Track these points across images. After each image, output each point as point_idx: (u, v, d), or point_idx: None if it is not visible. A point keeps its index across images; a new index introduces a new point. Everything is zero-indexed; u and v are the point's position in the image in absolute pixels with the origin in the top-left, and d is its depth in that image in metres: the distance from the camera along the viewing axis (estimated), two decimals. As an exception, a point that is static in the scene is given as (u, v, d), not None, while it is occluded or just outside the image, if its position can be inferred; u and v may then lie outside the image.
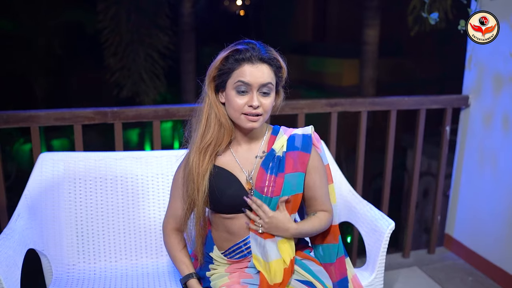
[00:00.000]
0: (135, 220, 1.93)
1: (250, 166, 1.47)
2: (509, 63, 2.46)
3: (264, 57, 1.37)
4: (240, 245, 1.48)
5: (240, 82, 1.36)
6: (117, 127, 2.23)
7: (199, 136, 1.44)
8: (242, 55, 1.36)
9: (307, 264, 1.52)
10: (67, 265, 1.86)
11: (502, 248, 2.56)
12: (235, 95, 1.38)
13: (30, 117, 2.11)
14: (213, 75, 1.41)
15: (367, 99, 2.55)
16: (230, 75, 1.38)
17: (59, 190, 1.87)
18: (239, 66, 1.36)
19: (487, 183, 2.66)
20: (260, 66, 1.37)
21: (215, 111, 1.42)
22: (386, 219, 1.76)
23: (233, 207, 1.44)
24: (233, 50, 1.38)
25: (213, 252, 1.53)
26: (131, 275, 1.86)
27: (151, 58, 7.91)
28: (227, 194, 1.43)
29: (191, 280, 1.51)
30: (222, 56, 1.39)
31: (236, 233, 1.48)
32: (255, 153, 1.49)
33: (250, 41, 1.42)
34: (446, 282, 2.63)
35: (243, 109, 1.38)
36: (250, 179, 1.45)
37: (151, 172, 1.95)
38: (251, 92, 1.37)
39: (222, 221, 1.49)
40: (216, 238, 1.53)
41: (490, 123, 2.62)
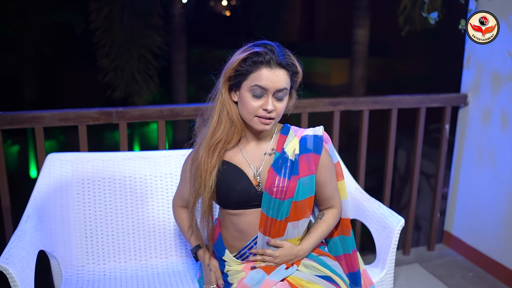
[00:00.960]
0: (144, 221, 1.93)
1: (258, 163, 1.48)
2: (507, 62, 2.50)
3: (282, 63, 1.37)
4: (251, 245, 1.50)
5: (257, 86, 1.37)
6: (121, 127, 2.22)
7: (210, 132, 1.45)
8: (261, 58, 1.36)
9: (324, 259, 1.53)
10: (76, 266, 1.85)
11: (502, 244, 2.60)
12: (250, 97, 1.38)
13: (34, 118, 2.09)
14: (229, 75, 1.41)
15: (369, 98, 2.57)
16: (247, 77, 1.38)
17: (67, 191, 1.86)
18: (257, 69, 1.37)
19: (485, 180, 2.70)
20: (277, 71, 1.37)
21: (227, 109, 1.43)
22: (395, 216, 1.78)
23: (241, 202, 1.45)
24: (252, 52, 1.37)
25: (225, 255, 1.54)
26: (141, 276, 1.85)
27: (145, 59, 7.86)
28: (234, 189, 1.44)
29: (200, 250, 1.58)
30: (240, 57, 1.38)
31: (245, 231, 1.48)
32: (263, 151, 1.50)
33: (268, 43, 1.42)
34: (447, 278, 2.67)
35: (257, 112, 1.39)
36: (258, 175, 1.47)
37: (160, 172, 1.95)
38: (266, 96, 1.38)
39: (230, 218, 1.50)
40: (226, 238, 1.54)
41: (488, 121, 2.66)
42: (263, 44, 1.41)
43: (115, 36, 7.58)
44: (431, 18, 2.61)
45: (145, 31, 7.81)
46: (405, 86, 9.33)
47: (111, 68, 7.72)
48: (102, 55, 7.76)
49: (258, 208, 1.46)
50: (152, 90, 8.15)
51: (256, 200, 1.46)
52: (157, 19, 7.97)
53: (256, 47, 1.39)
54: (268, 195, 1.44)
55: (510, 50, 2.47)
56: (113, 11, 7.45)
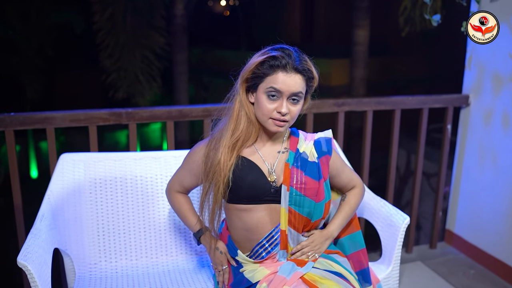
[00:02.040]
0: (155, 219, 1.97)
1: (272, 160, 1.54)
2: (508, 63, 2.55)
3: (298, 68, 1.42)
4: (263, 243, 1.53)
5: (272, 89, 1.42)
6: (131, 127, 2.26)
7: (230, 131, 1.49)
8: (278, 62, 1.41)
9: (334, 257, 1.58)
10: (89, 264, 1.89)
11: (503, 242, 2.65)
12: (265, 99, 1.43)
13: (46, 118, 2.13)
14: (246, 77, 1.46)
15: (372, 98, 2.62)
16: (263, 80, 1.43)
17: (80, 190, 1.90)
18: (273, 73, 1.41)
19: (487, 180, 2.75)
20: (293, 75, 1.42)
21: (245, 110, 1.48)
22: (401, 214, 1.82)
23: (253, 196, 1.49)
24: (269, 56, 1.42)
25: (238, 256, 1.58)
26: (152, 273, 1.89)
27: (147, 59, 7.90)
28: (247, 181, 1.49)
29: (206, 233, 1.62)
30: (258, 61, 1.43)
31: (254, 230, 1.52)
32: (277, 149, 1.56)
33: (286, 47, 1.46)
34: (449, 276, 2.71)
35: (272, 114, 1.44)
36: (273, 171, 1.52)
37: (170, 171, 1.99)
38: (281, 98, 1.43)
39: (239, 216, 1.53)
40: (236, 239, 1.58)
41: (490, 122, 2.70)
42: (280, 48, 1.46)
43: (118, 37, 7.63)
44: (434, 20, 2.66)
45: (147, 32, 7.86)
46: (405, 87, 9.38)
47: (114, 69, 7.77)
48: (105, 56, 7.81)
49: (270, 204, 1.51)
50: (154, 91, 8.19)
51: (270, 195, 1.50)
52: (160, 20, 8.02)
53: (273, 51, 1.44)
54: (292, 189, 1.49)
55: (511, 52, 2.52)
56: (116, 12, 7.49)
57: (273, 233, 1.53)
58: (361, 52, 8.17)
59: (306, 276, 1.47)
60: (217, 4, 15.60)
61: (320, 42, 13.31)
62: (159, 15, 7.92)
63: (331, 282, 1.46)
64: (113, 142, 10.80)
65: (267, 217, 1.51)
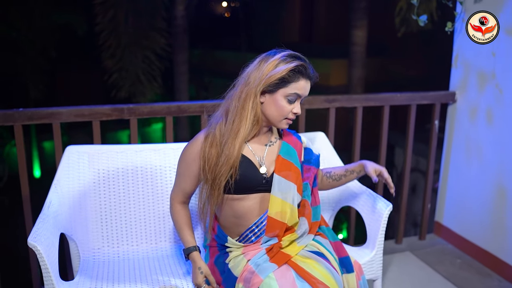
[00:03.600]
0: (155, 207, 2.10)
1: (261, 153, 1.68)
2: (491, 62, 2.67)
3: (313, 76, 1.62)
4: (252, 228, 1.66)
5: (295, 94, 1.59)
6: (132, 122, 2.39)
7: (243, 130, 1.60)
8: (303, 70, 1.58)
9: (317, 238, 1.72)
10: (92, 249, 2.02)
11: (488, 232, 2.77)
12: (286, 102, 1.59)
13: (52, 114, 2.26)
14: (270, 81, 1.57)
15: (362, 95, 2.75)
16: (287, 85, 1.57)
17: (84, 180, 2.03)
18: (298, 80, 1.57)
19: (473, 173, 2.87)
20: (308, 81, 1.61)
21: (256, 110, 1.60)
22: (384, 201, 1.95)
23: (246, 187, 1.63)
24: (296, 65, 1.56)
25: (228, 241, 1.70)
26: (152, 258, 2.02)
27: (149, 60, 8.06)
28: (242, 174, 1.62)
29: (194, 252, 1.70)
30: (286, 68, 1.55)
31: (243, 216, 1.65)
32: (264, 142, 1.71)
33: (296, 54, 1.61)
34: (436, 265, 2.83)
35: (289, 114, 1.61)
36: (262, 163, 1.66)
37: (169, 162, 2.12)
38: (297, 101, 1.61)
39: (231, 204, 1.66)
40: (225, 226, 1.70)
41: (475, 117, 2.83)
42: (295, 55, 1.60)
43: (120, 38, 7.79)
44: (421, 20, 2.78)
45: (148, 33, 8.02)
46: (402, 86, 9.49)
47: (116, 69, 7.93)
48: (107, 56, 7.96)
49: (259, 193, 1.64)
50: (155, 91, 8.34)
51: (261, 185, 1.64)
52: (161, 21, 8.18)
53: (294, 60, 1.57)
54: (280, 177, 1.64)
55: (494, 51, 2.64)
56: (118, 14, 7.65)
57: (262, 218, 1.65)
58: (359, 53, 8.29)
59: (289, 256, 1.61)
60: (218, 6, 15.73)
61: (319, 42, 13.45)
62: (160, 16, 8.08)
63: (312, 261, 1.59)
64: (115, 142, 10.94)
65: (256, 205, 1.65)
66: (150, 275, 1.84)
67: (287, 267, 1.57)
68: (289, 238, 1.65)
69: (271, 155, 1.69)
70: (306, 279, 1.52)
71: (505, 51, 2.58)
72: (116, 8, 7.48)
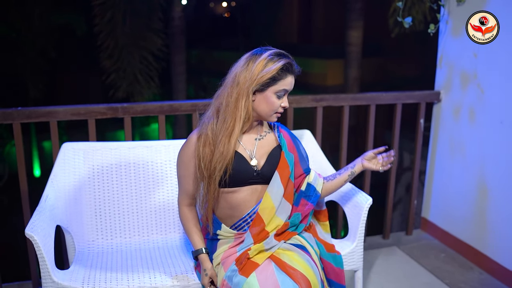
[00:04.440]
0: (147, 201, 2.20)
1: (251, 146, 1.78)
2: (473, 62, 2.77)
3: (296, 71, 1.73)
4: (245, 218, 1.76)
5: (284, 90, 1.70)
6: (126, 121, 2.49)
7: (236, 126, 1.70)
8: (290, 68, 1.69)
9: (303, 234, 1.83)
10: (87, 241, 2.12)
11: (470, 227, 2.87)
12: (275, 98, 1.70)
13: (50, 112, 2.36)
14: (261, 81, 1.67)
15: (349, 95, 2.85)
16: (276, 83, 1.68)
17: (79, 175, 2.13)
18: (285, 77, 1.69)
19: (457, 170, 2.97)
20: (294, 77, 1.72)
21: (248, 107, 1.70)
22: (365, 196, 2.05)
23: (238, 180, 1.73)
24: (284, 64, 1.67)
25: (221, 229, 1.79)
26: (144, 249, 2.12)
27: (146, 60, 8.18)
28: (234, 168, 1.71)
29: (202, 254, 1.78)
30: (275, 68, 1.66)
31: (237, 207, 1.75)
32: (254, 137, 1.80)
33: (281, 51, 1.72)
34: (421, 259, 2.93)
35: (278, 109, 1.73)
36: (253, 156, 1.76)
37: (160, 159, 2.22)
38: (284, 96, 1.73)
39: (225, 197, 1.75)
40: (221, 217, 1.80)
41: (458, 116, 2.93)
42: (280, 53, 1.71)
43: (118, 38, 7.91)
44: (406, 22, 2.88)
45: (146, 34, 8.14)
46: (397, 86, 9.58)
47: (114, 69, 8.05)
48: (105, 57, 8.08)
49: (251, 185, 1.75)
50: (153, 91, 8.46)
51: (253, 178, 1.74)
52: (157, 23, 8.30)
53: (281, 58, 1.68)
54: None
55: (476, 52, 2.74)
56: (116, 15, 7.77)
57: (254, 209, 1.75)
58: (355, 53, 8.39)
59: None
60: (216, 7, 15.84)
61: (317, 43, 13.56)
62: (157, 17, 8.20)
63: (293, 253, 1.70)
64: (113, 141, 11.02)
65: (249, 196, 1.75)
66: (142, 266, 1.94)
67: (268, 261, 1.68)
68: (257, 248, 1.71)
69: (261, 149, 1.78)
70: (286, 271, 1.62)
71: (486, 52, 2.67)
72: (114, 9, 7.60)
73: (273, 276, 1.59)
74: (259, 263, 1.66)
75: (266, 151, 1.79)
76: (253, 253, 1.69)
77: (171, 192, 2.23)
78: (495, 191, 2.68)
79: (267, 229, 1.75)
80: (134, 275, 1.83)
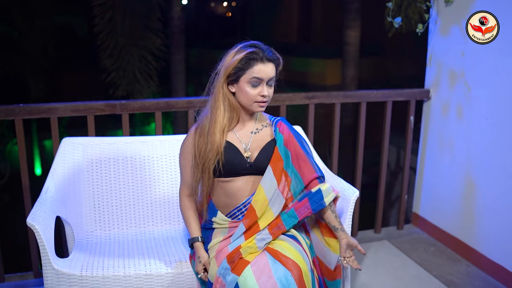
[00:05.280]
0: (143, 194, 2.29)
1: (247, 139, 1.87)
2: (460, 61, 2.86)
3: (271, 58, 1.77)
4: (240, 208, 1.85)
5: (255, 78, 1.75)
6: (124, 117, 2.58)
7: (221, 118, 1.80)
8: (256, 56, 1.74)
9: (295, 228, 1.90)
10: (86, 231, 2.22)
11: (458, 221, 2.96)
12: (249, 87, 1.76)
13: (50, 109, 2.46)
14: (228, 72, 1.77)
15: (340, 92, 2.94)
16: (245, 72, 1.75)
17: (78, 169, 2.22)
18: (253, 65, 1.74)
19: (445, 166, 3.05)
20: (268, 64, 1.76)
21: (228, 99, 1.80)
22: (352, 188, 2.13)
23: (233, 170, 1.82)
24: (248, 52, 1.75)
25: (216, 216, 1.88)
26: (140, 240, 2.21)
27: (145, 59, 8.30)
28: (230, 160, 1.81)
29: (197, 243, 1.87)
30: (238, 57, 1.75)
31: (233, 196, 1.84)
32: (250, 130, 1.89)
33: (255, 43, 1.80)
34: (411, 252, 3.02)
35: (257, 98, 1.78)
36: (248, 149, 1.85)
37: (156, 153, 2.31)
38: (261, 85, 1.77)
39: (222, 186, 1.85)
40: (218, 204, 1.89)
41: (447, 113, 3.01)
42: (252, 44, 1.79)
43: (117, 38, 8.03)
44: (395, 22, 2.97)
45: (145, 33, 8.26)
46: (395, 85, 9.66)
47: (114, 68, 8.17)
48: (105, 56, 8.21)
49: (246, 176, 1.83)
50: (152, 89, 8.58)
51: (246, 169, 1.83)
52: (156, 22, 8.42)
53: (248, 48, 1.77)
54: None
55: (463, 51, 2.83)
56: (116, 15, 7.89)
57: (249, 199, 1.83)
58: (352, 52, 8.48)
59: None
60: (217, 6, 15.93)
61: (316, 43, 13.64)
62: (156, 17, 8.32)
63: (286, 243, 1.78)
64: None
65: (244, 186, 1.84)
66: (138, 255, 2.03)
67: (263, 251, 1.76)
68: (250, 248, 1.76)
69: (256, 142, 1.87)
70: (278, 259, 1.71)
71: (472, 51, 2.76)
72: (114, 10, 7.72)
73: (266, 265, 1.68)
74: (249, 261, 1.71)
75: (260, 145, 1.87)
76: (245, 254, 1.74)
77: (167, 185, 2.32)
78: (481, 186, 2.76)
79: (259, 223, 1.82)
80: (130, 263, 1.92)
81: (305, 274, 1.70)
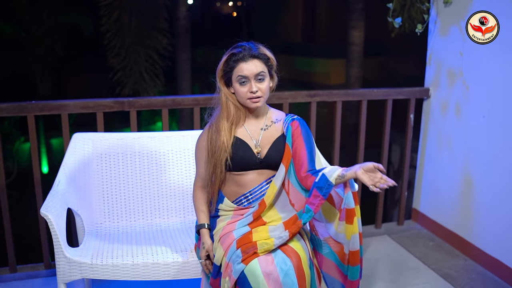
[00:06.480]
0: (150, 188, 2.38)
1: (257, 136, 1.96)
2: (459, 60, 2.93)
3: (254, 54, 1.86)
4: (247, 195, 1.94)
5: (240, 76, 1.85)
6: (132, 114, 2.67)
7: (225, 118, 1.91)
8: (237, 57, 1.85)
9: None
10: (96, 223, 2.31)
11: (457, 217, 3.03)
12: (239, 86, 1.87)
13: (61, 106, 2.55)
14: (220, 75, 1.91)
15: (341, 90, 3.02)
16: (232, 73, 1.87)
17: (88, 163, 2.32)
18: (237, 65, 1.85)
19: (444, 163, 3.13)
20: (251, 61, 1.85)
21: (230, 99, 1.92)
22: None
23: (244, 165, 1.92)
24: (230, 54, 1.87)
25: (223, 203, 1.97)
26: (148, 232, 2.31)
27: (151, 59, 8.42)
28: (239, 155, 1.90)
29: (204, 229, 1.96)
30: (223, 61, 1.89)
31: (243, 185, 1.94)
32: (260, 126, 1.97)
33: (243, 44, 1.90)
34: (410, 247, 3.10)
35: (247, 95, 1.87)
36: (258, 145, 1.94)
37: (163, 148, 2.40)
38: (249, 81, 1.86)
39: (233, 177, 1.95)
40: (226, 192, 1.98)
41: (446, 111, 3.09)
42: (239, 46, 1.90)
43: (124, 38, 8.15)
44: (396, 23, 3.05)
45: (151, 33, 8.38)
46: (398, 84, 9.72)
47: (120, 67, 8.30)
48: (112, 55, 8.33)
49: (256, 170, 1.93)
50: (158, 88, 8.70)
51: (256, 165, 1.92)
52: (163, 22, 8.54)
53: (234, 49, 1.88)
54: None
55: (461, 51, 2.90)
56: (122, 15, 8.01)
57: (257, 188, 1.93)
58: (356, 52, 8.52)
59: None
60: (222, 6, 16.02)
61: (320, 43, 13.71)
62: (162, 17, 8.43)
63: None
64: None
65: (255, 177, 1.93)
66: (145, 245, 2.12)
67: None
68: (266, 246, 1.78)
69: (266, 138, 1.95)
70: (282, 249, 1.80)
71: (471, 50, 2.83)
72: (120, 9, 7.85)
73: (269, 253, 1.77)
74: (259, 254, 1.76)
75: (269, 141, 1.95)
76: (261, 249, 1.77)
77: (174, 179, 2.41)
78: (479, 182, 2.84)
79: (263, 217, 1.91)
80: (138, 252, 2.01)
81: (304, 262, 1.78)
